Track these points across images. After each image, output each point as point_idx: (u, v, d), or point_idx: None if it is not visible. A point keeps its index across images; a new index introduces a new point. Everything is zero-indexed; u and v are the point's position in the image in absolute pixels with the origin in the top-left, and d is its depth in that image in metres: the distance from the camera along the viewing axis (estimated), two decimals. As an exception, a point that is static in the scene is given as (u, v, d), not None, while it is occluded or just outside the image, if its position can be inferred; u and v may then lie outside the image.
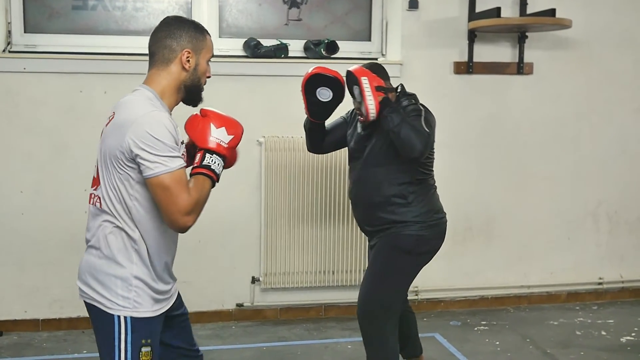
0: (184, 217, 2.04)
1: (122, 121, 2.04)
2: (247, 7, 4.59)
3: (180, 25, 2.19)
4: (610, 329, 4.46)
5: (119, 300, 2.10)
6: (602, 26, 4.81)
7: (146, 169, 2.01)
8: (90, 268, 2.15)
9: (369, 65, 3.21)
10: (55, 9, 4.36)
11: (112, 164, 2.05)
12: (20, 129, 4.16)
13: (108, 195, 2.09)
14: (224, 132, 2.20)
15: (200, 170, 2.13)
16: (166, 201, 2.02)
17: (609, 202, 4.99)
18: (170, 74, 2.16)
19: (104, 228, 2.11)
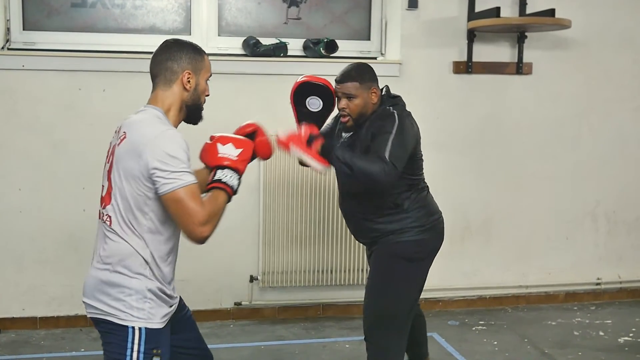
0: (200, 228, 2.10)
1: (138, 141, 2.11)
2: (246, 5, 4.59)
3: (180, 47, 2.30)
4: (608, 329, 4.47)
5: (134, 312, 2.14)
6: (601, 26, 4.81)
7: (162, 186, 2.07)
8: (102, 284, 2.17)
9: (356, 66, 3.12)
10: (54, 7, 4.35)
11: (130, 184, 2.11)
12: (18, 127, 4.15)
13: (121, 213, 2.14)
14: (232, 147, 2.30)
15: (212, 185, 2.23)
16: (181, 214, 2.09)
17: (608, 202, 4.99)
18: (173, 94, 2.26)
19: (117, 245, 2.16)
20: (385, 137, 2.91)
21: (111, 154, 2.20)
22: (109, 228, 2.17)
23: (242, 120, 4.35)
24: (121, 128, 2.21)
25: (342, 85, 3.05)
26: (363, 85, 3.04)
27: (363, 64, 3.19)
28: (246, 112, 4.37)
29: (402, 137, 2.93)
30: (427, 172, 4.74)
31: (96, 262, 2.21)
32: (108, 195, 2.18)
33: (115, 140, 2.22)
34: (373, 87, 3.07)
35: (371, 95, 3.06)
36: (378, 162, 2.84)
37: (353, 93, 3.03)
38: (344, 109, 3.05)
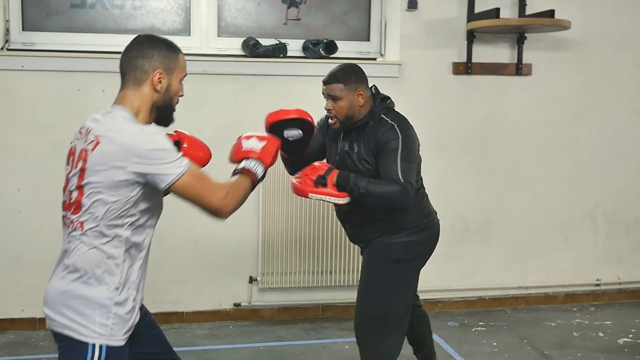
0: (222, 201, 2.07)
1: (118, 149, 1.98)
2: (246, 6, 4.59)
3: (152, 44, 2.14)
4: (607, 330, 4.46)
5: (97, 327, 2.01)
6: (601, 27, 4.82)
7: (163, 181, 1.99)
8: (65, 295, 2.05)
9: (342, 68, 3.08)
10: (53, 7, 4.35)
11: (108, 192, 1.99)
12: (17, 127, 4.15)
13: (95, 220, 2.01)
14: (255, 141, 2.29)
15: (235, 172, 2.23)
16: (197, 194, 2.04)
17: (607, 204, 4.99)
18: (142, 95, 2.11)
19: (86, 254, 2.03)
20: (392, 156, 2.89)
21: (81, 159, 2.04)
22: (79, 235, 2.03)
23: (241, 121, 4.39)
24: (90, 131, 2.05)
25: (327, 86, 3.03)
26: (348, 87, 3.00)
27: (351, 64, 3.14)
28: (246, 112, 4.39)
29: (408, 152, 2.92)
30: (426, 173, 4.74)
31: (61, 270, 2.08)
32: (78, 202, 2.03)
33: (81, 143, 2.06)
34: (359, 89, 3.02)
35: (357, 97, 3.01)
36: (394, 186, 2.85)
37: (338, 95, 3.00)
38: (329, 110, 3.04)
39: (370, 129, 3.00)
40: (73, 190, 2.05)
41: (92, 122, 2.09)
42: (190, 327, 4.40)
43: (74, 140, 2.12)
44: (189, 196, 2.04)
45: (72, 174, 2.06)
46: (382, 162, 2.92)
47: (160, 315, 4.37)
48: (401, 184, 2.84)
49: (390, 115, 3.02)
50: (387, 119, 3.00)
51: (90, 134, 2.04)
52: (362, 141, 3.01)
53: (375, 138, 2.96)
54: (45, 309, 2.10)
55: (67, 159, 2.12)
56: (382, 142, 2.93)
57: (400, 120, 3.02)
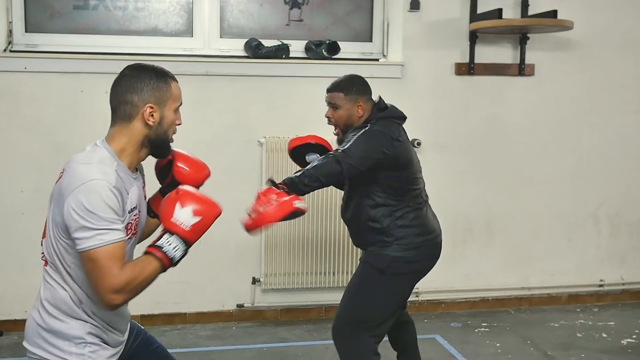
0: (110, 295, 1.88)
1: (65, 187, 1.92)
2: (248, 7, 4.59)
3: (139, 76, 2.02)
4: (611, 331, 4.46)
5: (72, 357, 1.98)
6: (603, 28, 4.81)
7: (78, 242, 1.88)
8: (38, 328, 2.02)
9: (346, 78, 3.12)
10: (56, 9, 4.35)
11: (56, 230, 1.96)
12: (20, 129, 4.16)
13: (52, 257, 2.00)
14: (189, 214, 1.97)
15: (150, 250, 1.95)
16: (94, 276, 1.88)
17: (610, 204, 4.98)
18: (132, 131, 2.00)
19: (51, 288, 2.01)
20: (347, 139, 2.95)
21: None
22: (45, 269, 2.03)
23: (244, 122, 4.39)
24: (64, 165, 2.02)
25: (329, 94, 3.11)
26: (348, 97, 3.05)
27: (356, 76, 3.17)
28: (248, 113, 4.39)
29: (365, 140, 2.91)
30: (430, 173, 4.74)
31: (37, 302, 2.06)
32: (44, 235, 2.03)
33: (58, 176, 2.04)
34: (360, 101, 3.05)
35: (357, 108, 3.05)
36: (329, 158, 2.87)
37: (337, 103, 3.06)
38: (329, 118, 3.12)
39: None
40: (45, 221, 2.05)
41: (72, 156, 2.03)
42: (193, 328, 4.40)
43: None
44: (88, 270, 1.91)
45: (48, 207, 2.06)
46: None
47: (163, 317, 4.38)
48: (336, 154, 2.86)
49: (375, 123, 3.01)
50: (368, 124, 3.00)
51: (62, 169, 2.02)
52: None
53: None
54: (24, 343, 2.07)
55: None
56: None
57: (380, 127, 2.99)
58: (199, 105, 4.24)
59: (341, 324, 3.08)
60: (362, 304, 3.05)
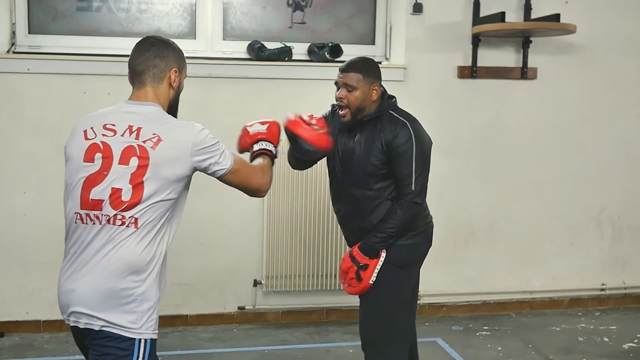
0: (262, 180, 2.32)
1: (181, 145, 2.12)
2: (251, 9, 4.59)
3: (165, 45, 2.26)
4: (612, 335, 4.45)
5: (145, 323, 2.07)
6: (606, 31, 4.81)
7: (219, 170, 2.19)
8: (112, 293, 2.04)
9: (363, 59, 3.05)
10: (59, 10, 4.36)
11: (168, 189, 2.10)
12: (23, 130, 4.16)
13: (151, 216, 2.08)
14: (258, 125, 2.51)
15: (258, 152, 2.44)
16: (245, 179, 2.27)
17: (612, 208, 4.98)
18: (163, 92, 2.24)
19: (137, 252, 2.06)
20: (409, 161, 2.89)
21: (134, 155, 2.08)
22: (130, 233, 2.05)
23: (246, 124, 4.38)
24: (141, 129, 2.11)
25: (345, 74, 2.94)
26: (366, 79, 2.93)
27: (371, 59, 3.10)
28: (251, 116, 4.37)
29: (423, 155, 2.94)
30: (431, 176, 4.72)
31: (99, 267, 2.04)
32: (136, 198, 2.05)
33: (124, 140, 2.10)
34: (375, 84, 2.97)
35: (372, 91, 2.95)
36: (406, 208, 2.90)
37: (354, 84, 2.92)
38: (341, 99, 2.94)
39: (380, 125, 2.94)
40: (124, 187, 2.06)
41: (134, 119, 2.14)
42: (194, 331, 4.40)
43: (97, 137, 2.13)
44: (238, 181, 2.26)
45: (129, 170, 2.07)
46: (398, 166, 2.90)
47: (165, 318, 4.38)
48: (410, 199, 2.89)
49: (398, 112, 2.99)
50: (397, 115, 2.96)
51: (142, 132, 2.11)
52: (370, 137, 2.94)
53: (389, 135, 2.91)
54: (81, 308, 2.05)
55: (88, 155, 2.11)
56: (397, 142, 2.89)
57: (409, 117, 2.99)
58: (202, 107, 4.24)
59: (372, 331, 2.99)
60: (391, 304, 2.95)
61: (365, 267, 2.89)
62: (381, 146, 2.90)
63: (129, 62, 2.25)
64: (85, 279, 2.06)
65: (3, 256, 4.21)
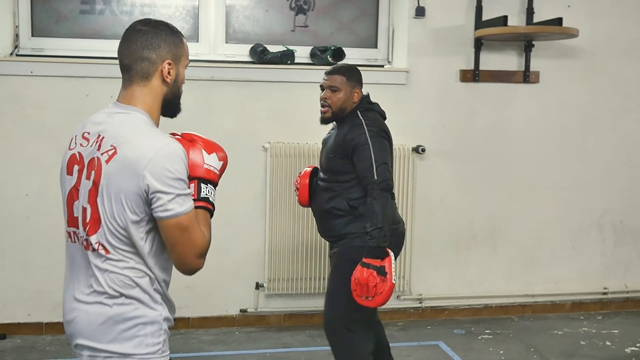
0: (199, 260, 1.87)
1: (135, 158, 1.77)
2: (253, 13, 4.60)
3: (156, 32, 1.91)
4: (615, 339, 4.45)
5: (150, 348, 1.87)
6: (609, 36, 4.81)
7: (164, 210, 1.78)
8: (108, 320, 1.84)
9: (347, 65, 3.39)
10: (62, 13, 4.37)
11: (127, 206, 1.79)
12: (26, 132, 4.17)
13: (117, 238, 1.81)
14: (215, 159, 1.96)
15: (200, 203, 1.89)
16: (183, 243, 1.82)
17: (614, 212, 4.98)
18: (152, 90, 1.91)
19: (118, 275, 1.83)
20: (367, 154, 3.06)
21: (93, 169, 1.83)
22: (103, 258, 1.82)
23: (248, 127, 4.39)
24: (103, 139, 1.84)
25: (330, 76, 3.23)
26: (349, 82, 3.22)
27: (354, 66, 3.40)
28: (253, 119, 4.40)
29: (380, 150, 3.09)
30: (434, 180, 4.76)
31: (91, 296, 1.85)
32: (95, 221, 1.82)
33: (91, 151, 1.86)
34: (357, 88, 3.24)
35: (354, 94, 3.22)
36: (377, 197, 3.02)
37: (338, 86, 3.20)
38: (325, 99, 3.22)
39: (344, 123, 3.21)
40: (85, 206, 1.84)
41: (105, 128, 1.87)
42: (196, 333, 4.40)
43: (76, 147, 1.91)
44: (175, 239, 1.81)
45: (84, 187, 1.85)
46: (357, 161, 3.09)
47: (167, 321, 4.37)
48: (377, 188, 3.03)
49: (363, 112, 3.21)
50: (359, 114, 3.19)
51: (103, 143, 1.84)
52: (338, 135, 3.21)
53: (346, 133, 3.15)
54: (82, 341, 1.89)
55: (69, 167, 1.91)
56: (353, 139, 3.11)
57: (368, 116, 3.20)
58: (204, 111, 4.25)
59: (336, 327, 3.18)
60: (345, 300, 3.08)
61: (383, 268, 2.97)
62: (340, 143, 3.16)
63: (117, 54, 1.96)
64: (75, 308, 1.89)
65: (5, 258, 4.22)
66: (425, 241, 4.67)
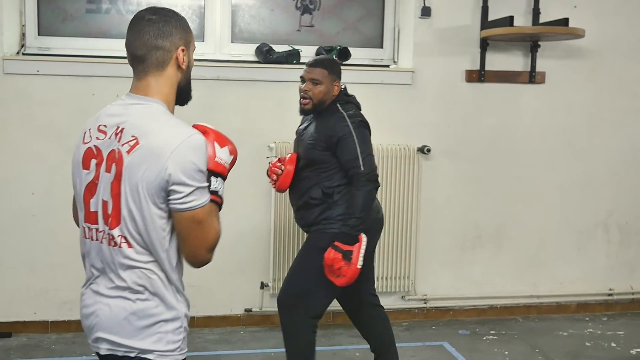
0: (209, 254, 1.87)
1: (159, 149, 1.75)
2: (259, 12, 4.61)
3: (167, 20, 1.88)
4: (620, 341, 4.44)
5: (170, 345, 1.85)
6: (615, 36, 4.80)
7: (182, 203, 1.77)
8: (130, 316, 1.83)
9: (328, 57, 3.47)
10: (69, 12, 4.38)
11: (150, 197, 1.77)
12: (32, 131, 4.18)
13: (140, 232, 1.80)
14: (227, 152, 1.94)
15: (210, 197, 1.87)
16: (196, 236, 1.82)
17: (620, 213, 4.96)
18: (168, 79, 1.89)
19: (142, 270, 1.82)
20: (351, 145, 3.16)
21: (113, 162, 1.81)
22: (126, 252, 1.81)
23: (254, 127, 4.39)
24: (123, 131, 1.81)
25: (311, 69, 3.30)
26: (330, 75, 3.29)
27: (334, 59, 3.52)
28: (258, 118, 4.40)
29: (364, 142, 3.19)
30: (439, 180, 4.76)
31: (113, 290, 1.85)
32: (117, 214, 1.80)
33: (109, 143, 1.83)
34: (337, 82, 3.31)
35: (334, 87, 3.30)
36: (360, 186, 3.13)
37: (319, 79, 3.27)
38: (306, 91, 3.29)
39: (325, 116, 3.29)
40: (106, 199, 1.82)
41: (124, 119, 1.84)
42: (201, 332, 4.40)
43: (92, 140, 1.88)
44: (188, 231, 1.81)
45: (104, 180, 1.83)
46: (342, 153, 3.18)
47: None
48: (363, 179, 3.13)
49: (344, 106, 3.28)
50: (339, 107, 3.27)
51: (123, 134, 1.81)
52: (317, 127, 3.28)
53: (329, 125, 3.22)
54: (102, 334, 1.87)
55: (85, 162, 1.88)
56: (337, 132, 3.19)
57: (349, 108, 3.28)
58: (210, 110, 4.25)
59: (286, 301, 3.29)
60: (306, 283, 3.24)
61: (350, 253, 3.09)
62: (323, 135, 3.22)
63: (127, 46, 1.91)
64: (97, 302, 1.89)
65: (11, 257, 4.23)
66: (430, 241, 4.67)
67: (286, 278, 3.35)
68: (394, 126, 4.54)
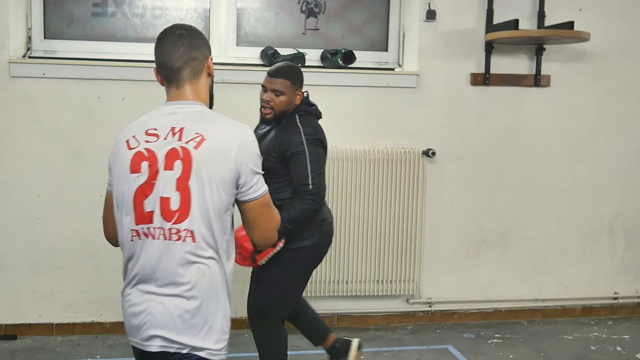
0: (276, 232, 2.08)
1: (225, 143, 1.91)
2: (264, 16, 4.61)
3: (193, 33, 2.06)
4: (625, 345, 4.42)
5: (219, 344, 1.96)
6: (620, 39, 4.79)
7: (255, 190, 1.96)
8: (185, 312, 1.90)
9: (290, 66, 3.37)
10: (75, 16, 4.40)
11: (218, 192, 1.89)
12: (38, 134, 4.19)
13: (208, 224, 1.90)
14: None
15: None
16: (267, 219, 2.02)
17: (626, 216, 4.95)
18: (203, 85, 2.06)
19: (204, 267, 1.91)
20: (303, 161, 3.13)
21: (177, 159, 1.89)
22: (189, 246, 1.88)
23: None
24: (183, 129, 1.92)
25: (273, 79, 3.23)
26: (293, 85, 3.24)
27: (296, 66, 3.43)
28: (263, 121, 4.40)
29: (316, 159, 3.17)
30: (444, 183, 4.75)
31: (167, 288, 1.91)
32: (184, 208, 1.87)
33: (166, 143, 1.92)
34: (299, 90, 3.27)
35: (296, 96, 3.25)
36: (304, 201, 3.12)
37: (282, 89, 3.22)
38: (268, 102, 3.24)
39: (282, 127, 3.23)
40: (171, 195, 1.89)
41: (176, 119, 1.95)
42: (205, 335, 4.40)
43: (140, 145, 1.94)
44: (261, 216, 2.00)
45: (170, 176, 1.89)
46: (293, 168, 3.15)
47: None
48: (309, 198, 3.12)
49: (303, 119, 3.23)
50: (297, 120, 3.22)
51: (185, 132, 1.92)
52: (274, 137, 3.23)
53: (284, 138, 3.18)
54: (157, 331, 1.92)
55: (134, 166, 1.93)
56: (290, 146, 3.15)
57: (306, 122, 3.23)
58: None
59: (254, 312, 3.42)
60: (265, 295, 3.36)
61: (259, 251, 3.16)
62: (277, 147, 3.18)
63: (161, 60, 2.02)
64: (152, 299, 1.93)
65: (17, 259, 4.24)
66: (435, 244, 4.66)
67: (249, 292, 3.45)
68: (399, 129, 4.54)
